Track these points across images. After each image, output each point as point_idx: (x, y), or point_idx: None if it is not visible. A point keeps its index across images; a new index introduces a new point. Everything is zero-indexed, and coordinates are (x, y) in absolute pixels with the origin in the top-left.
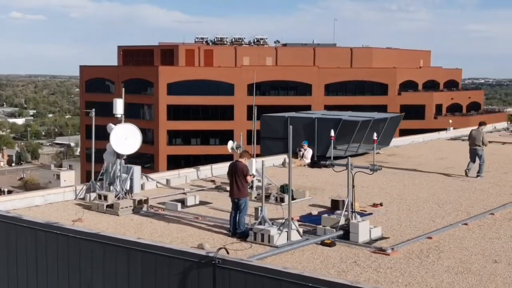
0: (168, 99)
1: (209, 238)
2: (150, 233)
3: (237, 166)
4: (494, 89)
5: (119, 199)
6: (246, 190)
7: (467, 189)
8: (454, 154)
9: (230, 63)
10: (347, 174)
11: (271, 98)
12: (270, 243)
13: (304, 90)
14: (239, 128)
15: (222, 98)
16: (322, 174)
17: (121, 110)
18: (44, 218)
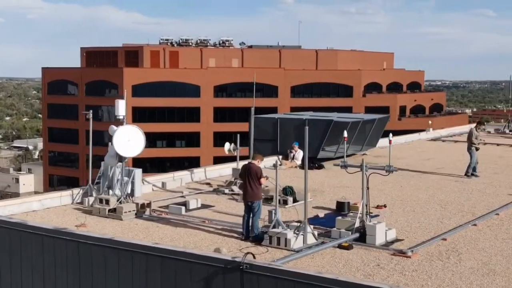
0: (133, 101)
1: (222, 242)
2: (159, 238)
3: (251, 168)
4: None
5: (121, 203)
6: (260, 192)
7: (464, 190)
8: (439, 155)
9: (196, 64)
10: (362, 175)
11: (237, 100)
12: (286, 247)
13: (270, 92)
14: (205, 130)
15: (188, 100)
16: (316, 175)
17: (123, 112)
18: (47, 224)
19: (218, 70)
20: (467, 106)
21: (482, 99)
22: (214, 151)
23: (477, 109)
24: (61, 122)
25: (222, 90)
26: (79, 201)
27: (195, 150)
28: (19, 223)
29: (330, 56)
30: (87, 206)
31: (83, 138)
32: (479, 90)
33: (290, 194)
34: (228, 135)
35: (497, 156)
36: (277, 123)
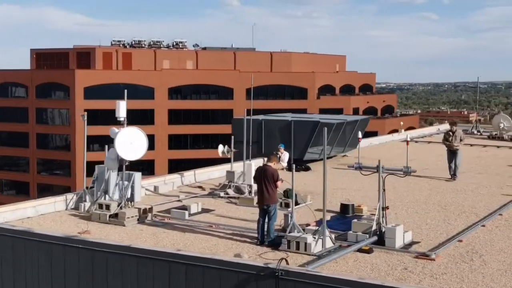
0: (85, 103)
1: (237, 247)
2: (171, 244)
3: (267, 170)
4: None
5: (121, 208)
6: (276, 196)
7: (458, 190)
8: (419, 156)
9: (150, 66)
10: (378, 177)
11: (192, 102)
12: (306, 252)
13: (225, 94)
14: (160, 133)
15: (142, 102)
16: (306, 177)
17: (124, 113)
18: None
19: (173, 72)
20: (411, 108)
21: (426, 101)
22: (169, 154)
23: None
24: (10, 126)
25: (176, 92)
26: (73, 207)
27: (149, 153)
28: (24, 231)
29: (285, 58)
30: (83, 212)
31: (33, 142)
32: (422, 92)
33: (291, 197)
34: (183, 138)
35: (475, 156)
36: (261, 124)
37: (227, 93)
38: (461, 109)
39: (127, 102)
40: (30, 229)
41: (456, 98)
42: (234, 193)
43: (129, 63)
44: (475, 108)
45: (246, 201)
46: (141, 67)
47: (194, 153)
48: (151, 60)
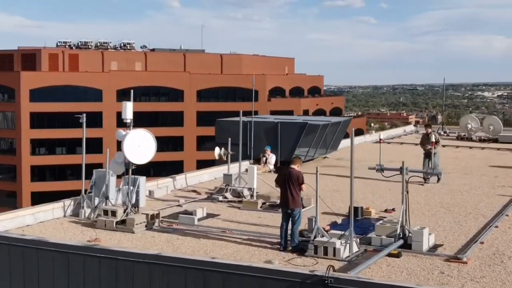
0: (31, 106)
1: (260, 253)
2: (191, 251)
3: (292, 173)
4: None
5: (127, 214)
6: (300, 199)
7: (453, 191)
8: (397, 157)
9: (97, 68)
10: (402, 179)
11: (142, 104)
12: (335, 257)
13: (176, 96)
14: (108, 136)
15: (90, 105)
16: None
17: (131, 115)
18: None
19: (121, 73)
20: (352, 110)
21: (366, 103)
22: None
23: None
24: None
25: (125, 94)
26: (71, 214)
27: (98, 156)
28: (37, 240)
29: (235, 60)
30: (83, 219)
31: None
32: (362, 94)
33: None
34: None
35: (452, 157)
36: (247, 126)
37: (177, 95)
38: (400, 111)
39: (73, 104)
40: (43, 238)
41: (395, 100)
42: (232, 197)
43: (76, 65)
44: (413, 110)
45: (249, 205)
46: (89, 69)
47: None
48: (99, 62)
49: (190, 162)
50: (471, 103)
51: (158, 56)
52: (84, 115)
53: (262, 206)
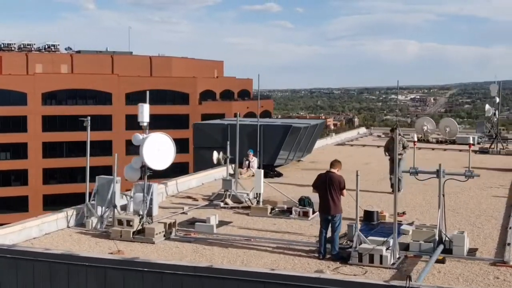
0: None
1: (299, 262)
2: (228, 261)
3: (332, 177)
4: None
5: (143, 224)
6: (341, 205)
7: (449, 193)
8: (369, 158)
9: (21, 70)
10: (439, 181)
11: (68, 108)
12: (382, 264)
13: (103, 99)
14: (33, 141)
15: (14, 109)
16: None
17: (147, 118)
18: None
19: (47, 76)
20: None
21: (285, 106)
22: (43, 163)
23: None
24: None
25: (51, 98)
26: (75, 224)
27: (22, 162)
28: (67, 254)
29: (164, 63)
30: (91, 229)
31: None
32: (281, 98)
33: (309, 204)
34: (59, 146)
35: (423, 158)
36: (227, 129)
37: (105, 98)
38: (318, 114)
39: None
40: (72, 251)
41: (313, 103)
42: (232, 203)
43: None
44: (331, 113)
45: (258, 211)
46: (12, 71)
47: (71, 161)
48: (23, 64)
49: (119, 167)
50: (386, 106)
51: (84, 58)
52: (88, 118)
53: (271, 212)
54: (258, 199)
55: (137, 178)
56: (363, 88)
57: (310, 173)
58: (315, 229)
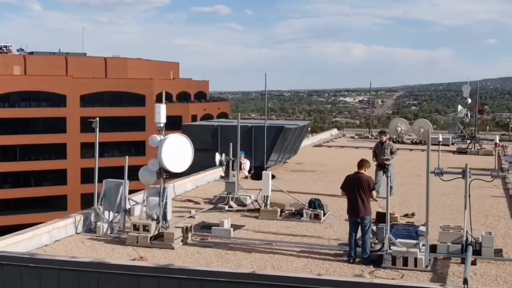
0: None
1: (330, 266)
2: (258, 266)
3: (361, 178)
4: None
5: (159, 229)
6: (370, 206)
7: (446, 194)
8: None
9: None
10: (465, 182)
11: (21, 110)
12: (417, 267)
13: (58, 101)
14: None
15: None
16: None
17: (164, 119)
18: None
19: None
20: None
21: (236, 108)
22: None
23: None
24: None
25: (3, 100)
26: (84, 229)
27: None
28: (96, 262)
29: (119, 64)
30: (101, 235)
31: None
32: (232, 100)
33: (319, 207)
34: (12, 149)
35: (404, 159)
36: (217, 130)
37: (59, 100)
38: (269, 116)
39: None
40: (101, 259)
41: (263, 105)
42: (236, 206)
43: None
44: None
45: (268, 214)
46: None
47: (24, 165)
48: None
49: (74, 170)
50: (335, 108)
51: (37, 59)
52: (97, 119)
53: (281, 215)
54: (265, 201)
55: (153, 181)
56: (312, 91)
57: (301, 175)
58: (331, 232)
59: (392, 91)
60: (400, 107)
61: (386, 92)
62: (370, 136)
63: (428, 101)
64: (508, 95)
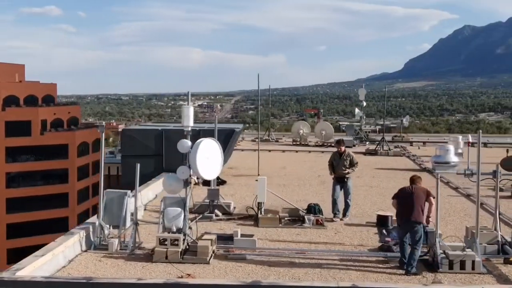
0: None
1: (388, 278)
2: (317, 277)
3: (418, 188)
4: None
5: (187, 243)
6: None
7: None
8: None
9: None
10: (496, 182)
11: None
12: (475, 271)
13: None
14: None
15: None
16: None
17: (192, 122)
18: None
19: None
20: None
21: None
22: None
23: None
24: None
25: None
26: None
27: None
28: (171, 283)
29: None
30: (114, 252)
31: None
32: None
33: (319, 212)
34: None
35: None
36: (161, 135)
37: None
38: (108, 120)
39: None
40: (176, 280)
41: (101, 109)
42: (221, 214)
43: None
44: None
45: (268, 222)
46: None
47: None
48: None
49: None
50: (175, 112)
51: None
52: (103, 123)
53: (281, 222)
54: (260, 208)
55: (180, 190)
56: (151, 94)
57: (248, 179)
58: (346, 238)
59: (230, 96)
60: (238, 111)
61: (225, 96)
62: (271, 140)
63: (264, 106)
64: (337, 99)
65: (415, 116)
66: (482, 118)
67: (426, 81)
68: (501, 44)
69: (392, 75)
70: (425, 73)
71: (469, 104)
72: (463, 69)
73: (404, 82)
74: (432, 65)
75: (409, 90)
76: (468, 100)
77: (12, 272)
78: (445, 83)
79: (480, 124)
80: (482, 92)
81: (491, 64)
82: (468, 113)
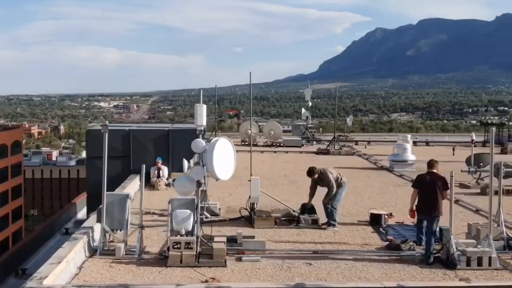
0: None
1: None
2: (342, 278)
3: (436, 177)
4: None
5: (200, 245)
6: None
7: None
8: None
9: None
10: (499, 180)
11: None
12: (491, 267)
13: None
14: None
15: None
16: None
17: (205, 121)
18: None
19: None
20: None
21: None
22: None
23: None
24: None
25: None
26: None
27: None
28: None
29: None
30: (121, 257)
31: None
32: None
33: (314, 212)
34: None
35: (284, 161)
36: (129, 136)
37: None
38: (19, 121)
39: None
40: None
41: (12, 111)
42: (210, 216)
43: None
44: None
45: (263, 222)
46: None
47: None
48: None
49: None
50: (89, 113)
51: None
52: (107, 123)
53: (276, 223)
54: (254, 209)
55: (192, 191)
56: (64, 95)
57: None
58: (347, 237)
59: (147, 96)
60: (155, 112)
61: (141, 97)
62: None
63: (182, 106)
64: (255, 100)
65: (330, 116)
66: (394, 118)
67: (340, 82)
68: (411, 46)
69: (307, 76)
70: (339, 74)
71: (381, 105)
72: (375, 70)
73: (319, 84)
74: (346, 67)
75: (324, 91)
76: (380, 100)
77: (37, 281)
78: (358, 84)
79: (392, 124)
80: (394, 93)
81: (402, 66)
82: (381, 113)
